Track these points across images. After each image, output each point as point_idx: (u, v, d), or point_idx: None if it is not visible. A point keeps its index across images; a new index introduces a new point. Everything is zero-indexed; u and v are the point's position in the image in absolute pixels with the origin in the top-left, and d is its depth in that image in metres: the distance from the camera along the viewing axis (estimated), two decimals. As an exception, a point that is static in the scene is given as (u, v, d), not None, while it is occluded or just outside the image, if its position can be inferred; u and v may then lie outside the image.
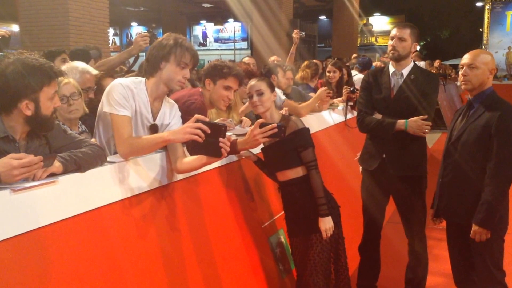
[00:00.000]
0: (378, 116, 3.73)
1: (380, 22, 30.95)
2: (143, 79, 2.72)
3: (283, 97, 4.55)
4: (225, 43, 30.01)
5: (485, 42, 24.95)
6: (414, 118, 3.56)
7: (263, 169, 3.36)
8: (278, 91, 4.07)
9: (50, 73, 2.13)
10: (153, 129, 2.71)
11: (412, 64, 3.73)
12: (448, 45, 31.38)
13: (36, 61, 2.12)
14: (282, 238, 3.64)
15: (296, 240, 3.21)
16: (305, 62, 6.47)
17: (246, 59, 6.35)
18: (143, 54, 3.44)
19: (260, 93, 3.09)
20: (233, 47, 26.77)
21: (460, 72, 3.27)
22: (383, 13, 30.91)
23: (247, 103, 4.01)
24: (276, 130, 2.77)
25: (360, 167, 4.00)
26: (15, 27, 20.94)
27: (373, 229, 3.92)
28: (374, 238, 3.95)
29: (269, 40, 12.91)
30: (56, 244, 1.98)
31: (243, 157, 3.34)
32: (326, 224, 3.02)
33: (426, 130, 3.59)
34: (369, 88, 3.80)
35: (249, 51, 26.08)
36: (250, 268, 3.21)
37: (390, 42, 3.69)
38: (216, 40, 30.53)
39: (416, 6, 29.75)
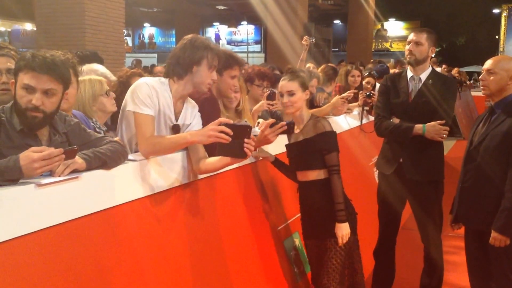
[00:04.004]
0: (395, 120, 3.72)
1: (395, 27, 30.88)
2: (167, 79, 2.74)
3: None
4: (238, 45, 29.99)
5: (501, 49, 24.76)
6: (432, 123, 3.55)
7: (281, 170, 3.35)
8: None
9: (27, 61, 2.08)
10: (175, 129, 2.72)
11: (430, 69, 3.74)
12: (464, 51, 31.22)
13: (44, 51, 2.13)
14: (297, 241, 3.62)
15: (311, 243, 3.20)
16: (322, 66, 6.41)
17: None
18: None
19: (291, 94, 3.07)
20: (246, 50, 26.80)
21: (480, 77, 3.28)
22: (399, 18, 30.84)
23: (261, 102, 4.00)
24: (285, 127, 2.89)
25: (376, 172, 3.99)
26: (28, 26, 20.96)
27: (389, 234, 3.90)
28: (389, 243, 3.92)
29: (283, 43, 12.89)
30: (78, 239, 1.99)
31: (261, 158, 3.33)
32: (343, 230, 3.00)
33: (444, 135, 3.57)
34: (387, 93, 3.80)
35: (262, 54, 26.11)
36: (265, 270, 3.20)
37: (407, 47, 3.71)
38: (229, 42, 30.52)
39: (432, 12, 29.64)
